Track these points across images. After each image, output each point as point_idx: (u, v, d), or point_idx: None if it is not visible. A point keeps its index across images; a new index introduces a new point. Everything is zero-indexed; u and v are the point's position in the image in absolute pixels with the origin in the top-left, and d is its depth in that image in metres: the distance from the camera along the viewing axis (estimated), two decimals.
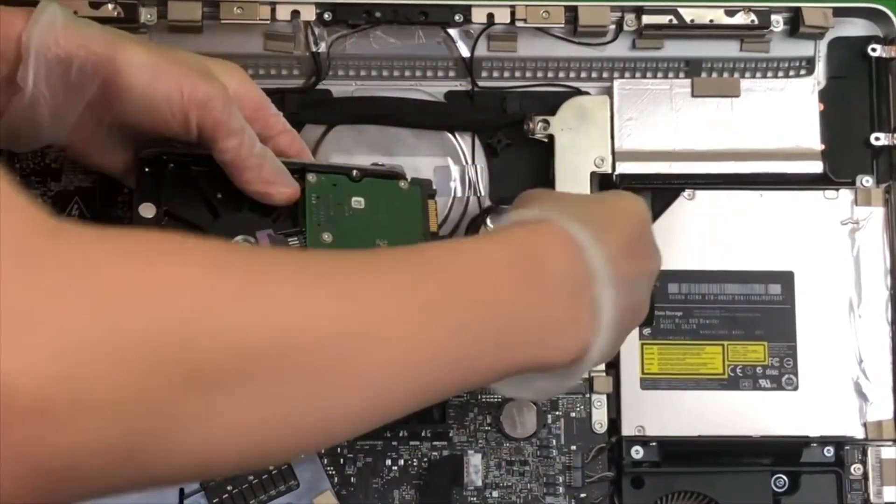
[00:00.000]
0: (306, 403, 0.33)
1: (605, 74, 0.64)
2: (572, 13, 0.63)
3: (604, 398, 0.60)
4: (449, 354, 0.38)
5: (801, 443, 0.59)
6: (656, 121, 0.62)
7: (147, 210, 0.51)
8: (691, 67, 0.64)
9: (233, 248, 0.34)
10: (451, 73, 0.64)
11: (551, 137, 0.62)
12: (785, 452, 0.60)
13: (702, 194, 0.62)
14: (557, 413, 0.60)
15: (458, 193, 0.63)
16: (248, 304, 0.32)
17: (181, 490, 0.58)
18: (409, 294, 0.37)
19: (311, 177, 0.53)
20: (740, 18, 0.63)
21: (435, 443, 0.60)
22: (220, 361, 0.31)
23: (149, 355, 0.29)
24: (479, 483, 0.59)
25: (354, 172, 0.54)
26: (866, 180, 0.62)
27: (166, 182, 0.52)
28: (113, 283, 0.29)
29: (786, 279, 0.60)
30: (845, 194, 0.61)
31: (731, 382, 0.60)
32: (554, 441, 0.60)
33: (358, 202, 0.54)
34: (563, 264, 0.42)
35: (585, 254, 0.42)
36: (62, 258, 0.29)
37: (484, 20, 0.63)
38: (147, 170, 0.52)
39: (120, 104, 0.47)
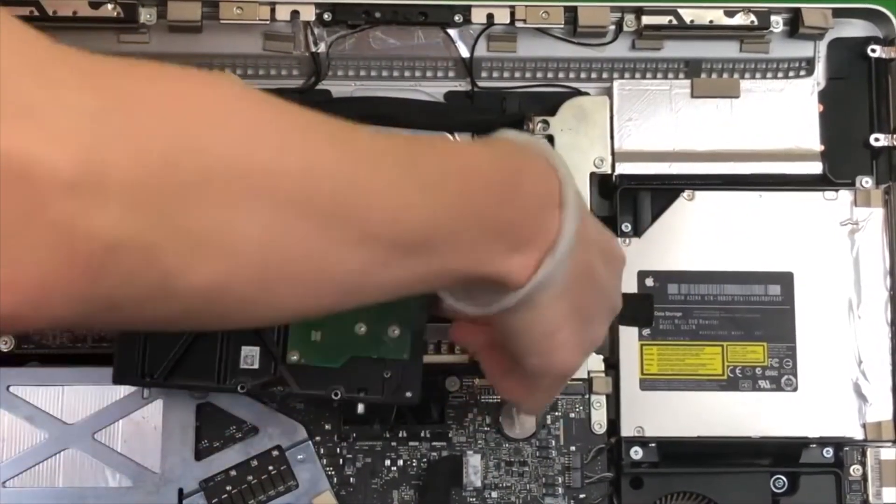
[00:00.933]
0: (312, 235, 0.36)
1: (604, 75, 0.64)
2: (572, 14, 0.63)
3: (603, 399, 0.60)
4: (427, 228, 0.39)
5: (801, 444, 0.59)
6: (656, 121, 0.62)
7: None
8: (691, 68, 0.64)
9: (257, 91, 0.37)
10: (451, 74, 0.64)
11: (551, 138, 0.62)
12: (784, 453, 0.60)
13: (701, 195, 0.61)
14: (557, 414, 0.60)
15: None
16: (252, 130, 0.34)
17: (180, 490, 0.58)
18: (407, 165, 0.39)
19: None
20: (740, 19, 0.63)
21: (434, 443, 0.60)
22: (229, 177, 0.33)
23: (166, 157, 0.31)
24: (479, 484, 0.59)
25: None
26: (866, 181, 0.62)
27: None
28: (140, 90, 0.32)
29: (785, 280, 0.60)
30: (845, 195, 0.62)
31: (730, 383, 0.60)
32: (553, 442, 0.60)
33: None
34: (537, 181, 0.44)
35: (561, 183, 0.44)
36: (87, 62, 0.31)
37: (483, 21, 0.63)
38: None
39: None
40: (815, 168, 0.62)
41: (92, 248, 0.30)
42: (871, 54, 0.64)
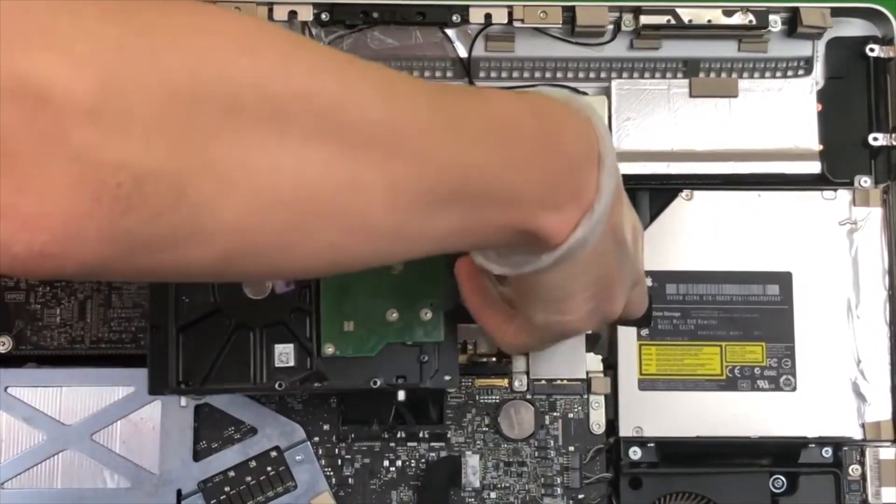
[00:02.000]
0: (342, 167, 0.34)
1: (602, 74, 0.64)
2: (570, 13, 0.63)
3: (602, 399, 0.60)
4: (466, 176, 0.38)
5: (800, 443, 0.59)
6: (654, 121, 0.62)
7: None
8: (689, 67, 0.64)
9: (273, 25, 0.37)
10: (449, 74, 0.64)
11: None
12: (783, 453, 0.60)
13: (700, 195, 0.61)
14: (555, 414, 0.60)
15: None
16: (291, 60, 0.34)
17: (179, 491, 0.58)
18: (445, 112, 0.38)
19: None
20: (738, 18, 0.63)
21: (433, 444, 0.60)
22: (257, 104, 0.32)
23: (192, 84, 0.30)
24: (477, 484, 0.59)
25: None
26: (864, 181, 0.62)
27: None
28: (162, 21, 0.31)
29: (784, 280, 0.60)
30: (843, 195, 0.61)
31: (729, 383, 0.60)
32: (552, 442, 0.60)
33: None
34: (577, 138, 0.42)
35: (600, 141, 0.42)
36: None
37: (481, 20, 0.63)
38: None
39: None
40: (814, 167, 0.62)
41: (119, 178, 0.29)
42: (870, 54, 0.64)
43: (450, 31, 0.63)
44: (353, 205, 0.35)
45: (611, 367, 0.60)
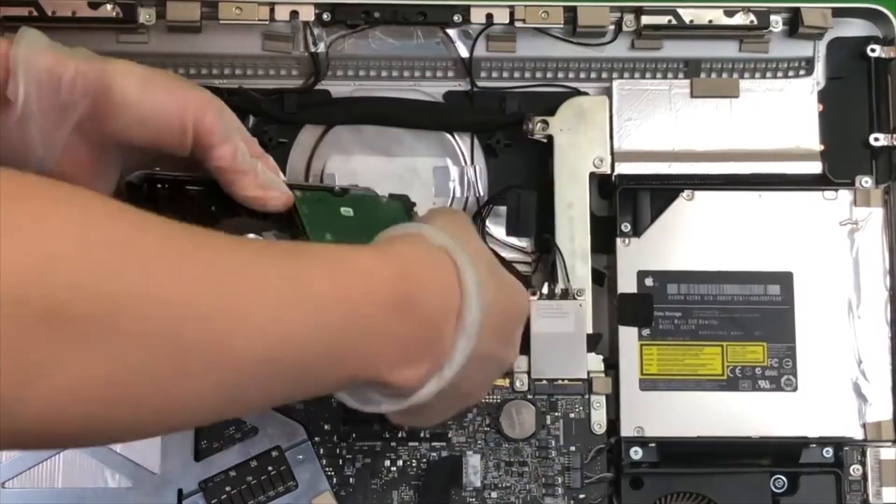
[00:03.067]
0: (168, 367, 0.33)
1: (604, 75, 0.64)
2: (571, 13, 0.63)
3: (603, 399, 0.60)
4: (309, 351, 0.39)
5: (801, 443, 0.59)
6: (655, 121, 0.62)
7: None
8: (690, 68, 0.64)
9: (113, 203, 0.34)
10: (450, 74, 0.64)
11: (550, 138, 0.62)
12: (784, 453, 0.60)
13: (701, 195, 0.61)
14: (556, 414, 0.60)
15: (458, 194, 0.63)
16: (115, 255, 0.32)
17: (180, 490, 0.58)
18: (291, 285, 0.38)
19: (297, 192, 0.52)
20: (739, 19, 0.63)
21: (434, 443, 0.60)
22: (77, 307, 0.30)
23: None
24: (478, 484, 0.59)
25: (336, 188, 0.54)
26: (865, 181, 0.62)
27: (155, 206, 0.51)
28: None
29: (785, 280, 0.60)
30: (844, 195, 0.61)
31: (730, 383, 0.60)
32: (553, 442, 0.60)
33: (347, 211, 0.54)
34: (438, 295, 0.44)
35: (464, 296, 0.44)
36: None
37: (483, 20, 0.63)
38: (135, 194, 0.51)
39: (112, 117, 0.46)
40: (815, 168, 0.62)
41: None
42: (871, 54, 0.64)
43: (451, 31, 0.63)
44: (174, 400, 0.35)
45: (612, 367, 0.60)
